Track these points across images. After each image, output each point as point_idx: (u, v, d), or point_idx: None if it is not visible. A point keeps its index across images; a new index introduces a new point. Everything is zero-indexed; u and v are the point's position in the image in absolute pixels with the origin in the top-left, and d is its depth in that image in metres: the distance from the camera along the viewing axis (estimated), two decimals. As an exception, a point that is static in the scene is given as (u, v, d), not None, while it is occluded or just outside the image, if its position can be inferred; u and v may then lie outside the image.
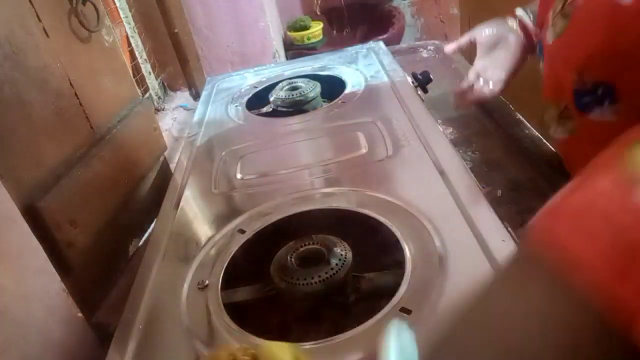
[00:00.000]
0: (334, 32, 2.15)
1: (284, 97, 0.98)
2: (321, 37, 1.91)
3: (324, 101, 1.01)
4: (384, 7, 2.09)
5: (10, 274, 0.57)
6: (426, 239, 0.56)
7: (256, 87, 1.13)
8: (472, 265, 0.51)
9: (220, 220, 0.69)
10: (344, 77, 1.05)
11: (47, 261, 0.63)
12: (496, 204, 0.60)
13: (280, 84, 1.04)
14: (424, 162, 0.70)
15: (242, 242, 0.64)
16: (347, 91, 0.99)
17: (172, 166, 1.15)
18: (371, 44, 1.24)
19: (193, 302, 0.56)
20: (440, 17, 2.19)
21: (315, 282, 0.53)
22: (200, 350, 0.50)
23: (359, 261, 0.57)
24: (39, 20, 0.73)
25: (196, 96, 1.59)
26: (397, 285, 0.51)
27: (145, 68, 1.47)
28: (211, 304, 0.55)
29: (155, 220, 0.75)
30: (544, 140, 0.91)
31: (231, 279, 0.61)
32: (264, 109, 1.04)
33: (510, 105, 1.06)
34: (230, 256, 0.62)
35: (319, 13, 2.09)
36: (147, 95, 1.44)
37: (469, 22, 2.04)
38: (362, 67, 1.10)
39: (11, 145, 0.65)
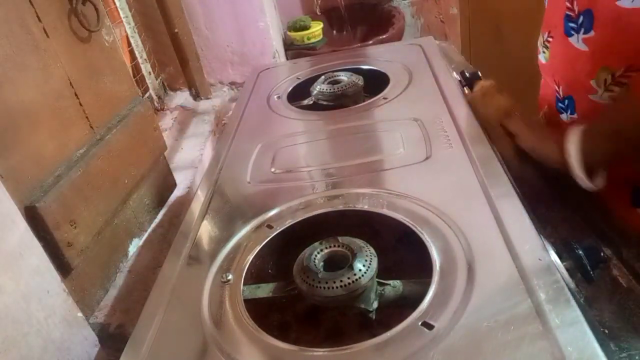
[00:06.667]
0: (334, 32, 2.14)
1: (325, 90, 0.96)
2: (321, 37, 1.91)
3: (366, 96, 0.98)
4: (383, 7, 2.09)
5: (10, 273, 0.57)
6: (457, 250, 0.54)
7: (299, 78, 1.11)
8: (503, 282, 0.48)
9: (250, 213, 0.68)
10: (389, 72, 1.02)
11: (47, 261, 0.63)
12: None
13: (323, 77, 1.01)
14: (464, 168, 0.67)
15: (268, 238, 0.63)
16: (390, 87, 0.96)
17: (172, 166, 1.15)
18: (421, 40, 1.19)
19: (214, 294, 0.56)
20: (440, 17, 2.19)
21: (337, 287, 0.52)
22: (214, 342, 0.50)
23: (384, 267, 0.55)
24: (39, 20, 0.73)
25: (196, 96, 1.59)
26: (421, 296, 0.49)
27: (145, 68, 1.47)
28: (232, 298, 0.55)
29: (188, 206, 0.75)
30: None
31: (255, 274, 0.60)
32: (305, 102, 1.02)
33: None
34: (256, 252, 0.61)
35: (319, 13, 2.08)
36: (147, 95, 1.44)
37: (469, 22, 2.04)
38: (409, 63, 1.05)
39: (11, 146, 0.65)
